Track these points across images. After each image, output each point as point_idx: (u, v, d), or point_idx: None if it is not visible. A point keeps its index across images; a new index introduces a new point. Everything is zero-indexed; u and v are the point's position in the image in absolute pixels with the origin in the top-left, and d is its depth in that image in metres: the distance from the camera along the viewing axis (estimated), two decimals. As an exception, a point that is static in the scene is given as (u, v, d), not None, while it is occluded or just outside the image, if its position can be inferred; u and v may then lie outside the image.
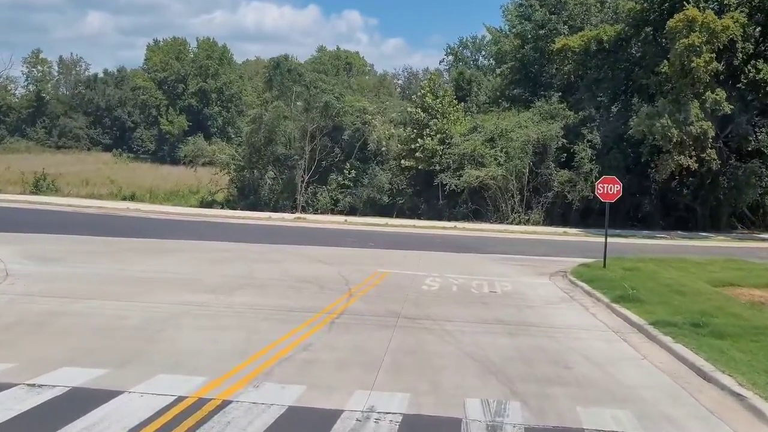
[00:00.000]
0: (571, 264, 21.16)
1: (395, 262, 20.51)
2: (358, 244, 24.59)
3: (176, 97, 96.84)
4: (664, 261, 21.10)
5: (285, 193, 37.65)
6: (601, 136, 34.93)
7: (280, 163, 38.62)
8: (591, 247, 27.44)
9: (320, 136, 37.53)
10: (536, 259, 22.75)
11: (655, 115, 31.01)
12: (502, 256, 22.81)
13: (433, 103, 36.60)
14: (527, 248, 25.91)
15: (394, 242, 25.97)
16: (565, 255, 24.07)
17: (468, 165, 35.96)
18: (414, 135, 36.49)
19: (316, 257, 20.44)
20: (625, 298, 13.84)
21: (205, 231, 27.55)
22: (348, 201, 37.24)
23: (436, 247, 25.16)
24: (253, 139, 38.40)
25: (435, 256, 22.26)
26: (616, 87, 37.02)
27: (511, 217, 36.09)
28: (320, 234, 28.04)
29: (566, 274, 18.88)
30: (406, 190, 37.44)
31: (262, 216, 33.46)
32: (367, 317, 12.02)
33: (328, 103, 36.64)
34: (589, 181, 34.74)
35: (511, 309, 13.43)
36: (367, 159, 38.11)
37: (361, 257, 21.34)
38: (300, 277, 16.41)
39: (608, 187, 19.48)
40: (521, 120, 36.78)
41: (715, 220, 36.85)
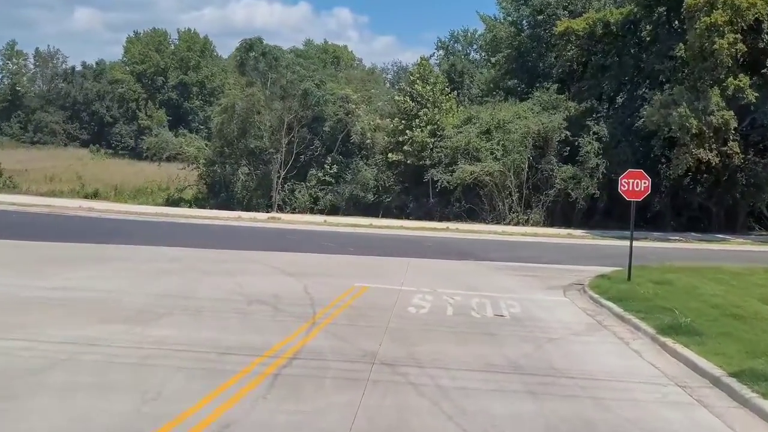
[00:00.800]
0: (585, 274, 17.93)
1: (377, 272, 17.06)
2: (335, 250, 21.12)
3: (155, 91, 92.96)
4: (695, 270, 17.77)
5: (260, 190, 34.12)
6: (608, 128, 31.61)
7: (254, 158, 35.07)
8: (602, 251, 24.19)
9: (298, 127, 34.02)
10: (543, 267, 19.39)
11: (670, 103, 27.73)
12: (503, 265, 19.42)
13: (423, 91, 33.17)
14: (530, 253, 22.56)
15: (377, 247, 22.54)
16: (574, 262, 20.78)
17: (461, 159, 32.58)
18: (402, 126, 33.04)
19: (282, 267, 16.95)
20: (675, 328, 10.46)
21: (161, 233, 23.98)
22: (329, 199, 33.76)
23: (426, 252, 21.75)
24: (224, 131, 34.81)
25: (425, 265, 18.83)
26: (623, 74, 33.71)
27: (508, 217, 32.76)
28: (294, 237, 24.54)
29: (584, 288, 15.54)
30: (394, 187, 34.01)
31: (231, 215, 29.91)
32: (330, 363, 8.57)
33: (307, 91, 33.11)
34: (596, 178, 31.52)
35: (527, 345, 10.01)
36: (351, 153, 34.63)
37: (336, 266, 17.87)
38: (254, 296, 12.94)
39: (634, 183, 16.10)
40: (520, 110, 33.43)
41: (730, 221, 33.66)
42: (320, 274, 16.14)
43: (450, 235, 27.61)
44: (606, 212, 34.37)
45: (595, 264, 20.23)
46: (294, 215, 31.51)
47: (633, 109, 35.28)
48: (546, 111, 33.22)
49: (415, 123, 32.77)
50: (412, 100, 33.23)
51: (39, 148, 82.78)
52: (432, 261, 19.74)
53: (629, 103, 35.86)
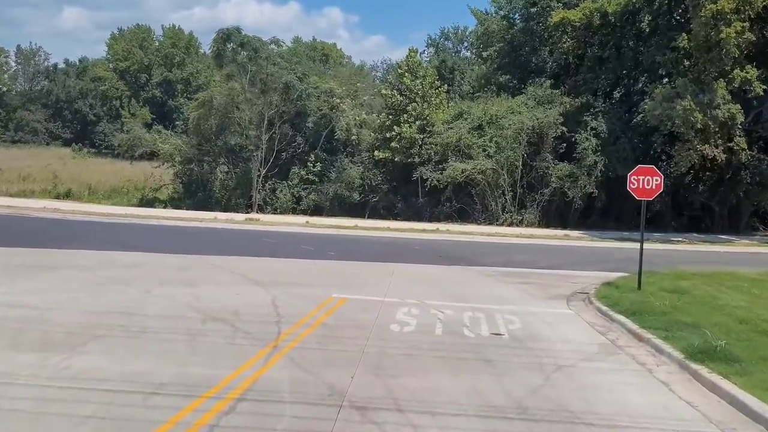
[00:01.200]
0: (588, 280, 16.29)
1: (358, 280, 15.27)
2: (314, 254, 19.30)
3: (139, 89, 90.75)
4: (710, 277, 16.14)
5: (239, 189, 32.22)
6: (606, 124, 29.95)
7: (233, 155, 33.17)
8: (602, 255, 22.52)
9: (280, 122, 32.14)
10: (540, 273, 17.67)
11: (673, 97, 26.09)
12: (497, 270, 17.67)
13: (411, 84, 31.37)
14: (526, 257, 20.86)
15: (361, 250, 20.75)
16: (574, 266, 19.12)
17: (452, 157, 30.82)
18: (389, 122, 31.24)
19: (252, 275, 15.12)
20: (707, 352, 8.74)
21: (125, 236, 22.07)
22: (312, 199, 31.91)
23: (413, 256, 19.98)
24: (201, 127, 32.88)
25: (412, 271, 17.04)
26: (622, 67, 32.06)
27: (502, 218, 31.03)
28: (271, 240, 22.68)
29: (589, 298, 13.85)
30: (381, 186, 32.20)
31: (206, 216, 28.00)
32: (285, 406, 6.78)
33: (288, 84, 31.21)
34: (594, 176, 29.83)
35: (531, 375, 8.25)
36: (335, 150, 32.79)
37: (313, 274, 16.05)
38: (212, 311, 11.13)
39: (645, 180, 14.44)
40: (513, 105, 31.71)
41: (734, 221, 32.09)
42: (294, 284, 14.34)
43: (440, 236, 25.87)
44: (603, 212, 32.79)
45: (596, 269, 18.64)
46: (274, 216, 29.66)
47: (631, 103, 33.70)
48: (541, 106, 31.53)
49: (403, 118, 30.99)
50: (400, 94, 31.45)
51: (20, 147, 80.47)
52: (420, 266, 17.96)
53: (627, 98, 34.30)
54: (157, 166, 34.69)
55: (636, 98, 34.35)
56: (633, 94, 34.13)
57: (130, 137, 34.47)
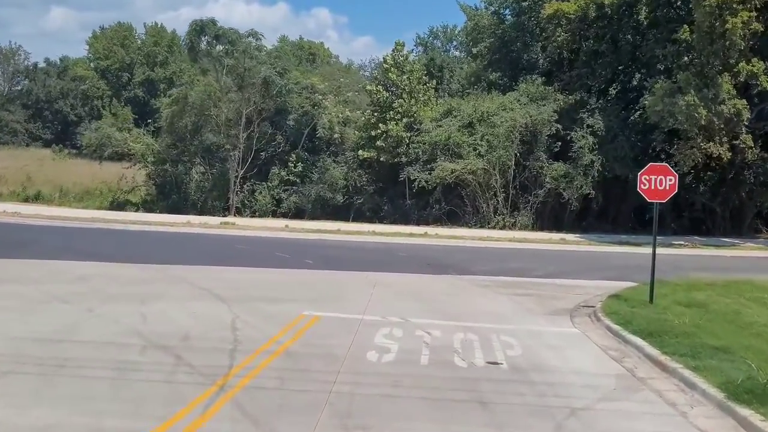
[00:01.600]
0: (591, 291, 14.78)
1: (335, 294, 13.57)
2: (289, 263, 17.57)
3: (121, 88, 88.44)
4: (727, 287, 14.57)
5: (215, 191, 30.42)
6: (604, 121, 28.40)
7: (210, 155, 31.35)
8: (603, 261, 20.93)
9: (258, 120, 30.36)
10: (538, 282, 16.03)
11: (675, 92, 24.59)
12: (491, 280, 16.02)
13: (398, 80, 29.70)
14: (521, 264, 19.22)
15: (342, 258, 19.04)
16: (574, 275, 17.54)
17: (441, 156, 29.19)
18: (375, 119, 29.56)
19: (216, 288, 13.37)
20: (756, 392, 7.10)
21: (84, 243, 20.21)
22: (293, 201, 30.16)
23: (399, 264, 18.29)
24: (176, 126, 31.03)
25: (396, 282, 15.33)
26: (619, 61, 30.54)
27: (493, 220, 29.43)
28: (244, 246, 20.91)
29: (596, 314, 12.24)
30: (366, 187, 30.51)
31: (179, 221, 26.19)
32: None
33: (267, 80, 29.45)
34: (590, 176, 28.28)
35: (539, 424, 6.57)
36: (318, 149, 31.06)
37: (285, 286, 14.31)
38: (157, 336, 9.40)
39: (657, 180, 12.82)
40: (506, 102, 30.12)
41: (736, 223, 30.68)
42: (262, 299, 12.61)
43: (428, 241, 24.21)
44: (600, 214, 31.29)
45: (598, 277, 17.08)
46: (252, 219, 27.90)
47: (628, 100, 32.24)
48: (534, 102, 29.95)
49: (389, 115, 29.32)
50: (386, 90, 29.78)
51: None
52: (405, 276, 16.25)
53: (623, 95, 32.83)
54: (128, 166, 32.82)
55: (632, 95, 32.89)
56: (630, 90, 32.66)
57: (99, 136, 32.56)
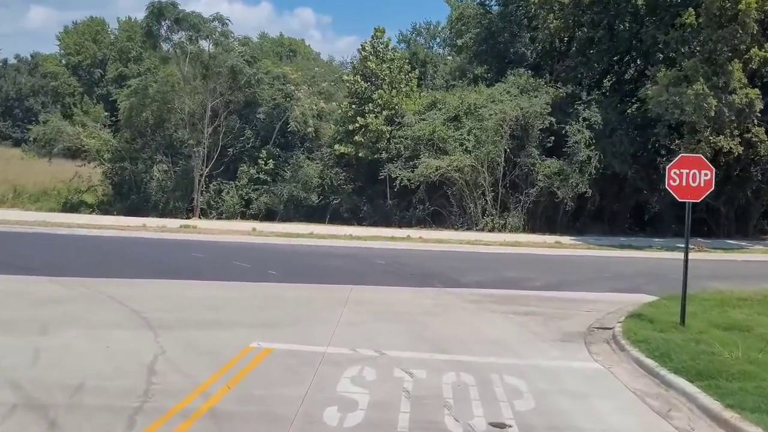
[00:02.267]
0: (603, 306, 12.54)
1: (298, 315, 11.08)
2: (249, 274, 15.03)
3: (93, 84, 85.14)
4: (763, 302, 12.30)
5: (179, 191, 27.75)
6: (601, 114, 26.13)
7: (173, 152, 28.66)
8: (608, 268, 18.60)
9: (226, 113, 27.74)
10: (540, 296, 13.67)
11: (681, 80, 22.36)
12: (485, 294, 13.60)
13: (377, 68, 27.21)
14: (516, 273, 16.85)
15: (312, 267, 16.54)
16: (579, 285, 15.23)
17: (425, 152, 26.76)
18: (352, 112, 27.05)
19: (151, 310, 10.82)
20: None
21: (9, 252, 17.51)
22: (264, 201, 27.56)
23: (377, 274, 15.84)
24: (135, 120, 28.30)
25: (372, 298, 12.84)
26: (617, 49, 28.30)
27: (482, 222, 27.04)
28: (201, 254, 18.29)
29: (616, 339, 9.96)
30: (343, 186, 27.99)
31: (134, 224, 23.51)
32: None
33: (234, 68, 26.82)
34: (587, 173, 25.99)
35: None
36: (291, 145, 28.49)
37: (236, 307, 11.76)
38: (39, 388, 6.85)
39: (690, 176, 10.47)
40: (495, 93, 27.76)
41: (741, 224, 28.60)
42: (202, 324, 10.10)
43: (411, 246, 21.77)
44: (595, 214, 29.04)
45: (606, 288, 14.84)
46: (217, 222, 25.27)
47: (623, 92, 30.02)
48: (525, 94, 27.62)
49: (368, 108, 26.82)
50: (365, 80, 27.28)
51: (-35, 148, 74.73)
52: (384, 291, 13.77)
53: (619, 87, 30.62)
54: (82, 164, 30.02)
55: (629, 87, 30.71)
56: (626, 82, 30.49)
57: (48, 129, 29.68)
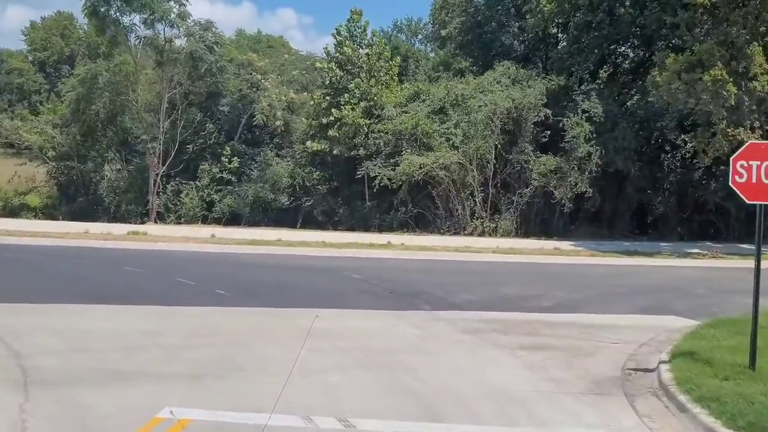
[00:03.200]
0: (633, 335, 10.23)
1: (238, 359, 8.24)
2: (190, 296, 12.16)
3: (60, 81, 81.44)
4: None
5: (132, 193, 24.80)
6: (602, 105, 23.62)
7: (126, 149, 25.69)
8: (620, 279, 16.00)
9: (185, 105, 24.83)
10: (552, 321, 11.00)
11: (695, 66, 19.88)
12: (484, 318, 10.89)
13: (354, 55, 24.45)
14: (518, 288, 14.17)
15: (272, 284, 13.70)
16: (597, 304, 12.68)
17: (407, 148, 24.12)
18: (326, 104, 24.29)
19: (33, 353, 7.96)
20: None
21: None
22: (228, 204, 24.71)
23: (350, 292, 13.05)
24: (83, 113, 25.28)
25: (342, 330, 9.98)
26: (617, 34, 25.79)
27: (471, 225, 24.42)
28: (138, 267, 15.26)
29: (669, 392, 7.31)
30: (317, 186, 25.21)
31: (75, 230, 20.49)
32: None
33: (193, 55, 23.93)
34: (587, 171, 23.49)
35: None
36: (258, 141, 25.69)
37: (158, 345, 8.82)
38: None
39: (763, 170, 7.83)
40: (484, 83, 25.16)
41: (752, 226, 26.15)
42: (101, 377, 7.27)
43: (392, 254, 19.04)
44: (593, 216, 26.57)
45: (629, 308, 12.35)
46: (172, 228, 22.34)
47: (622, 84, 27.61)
48: (518, 83, 25.07)
49: (343, 98, 24.07)
50: (340, 68, 24.51)
51: (-73, 148, 70.81)
52: (357, 316, 10.99)
53: (618, 77, 28.19)
54: (23, 163, 26.91)
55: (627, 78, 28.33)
56: (627, 71, 28.09)
57: (-19, 124, 26.62)
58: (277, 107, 24.15)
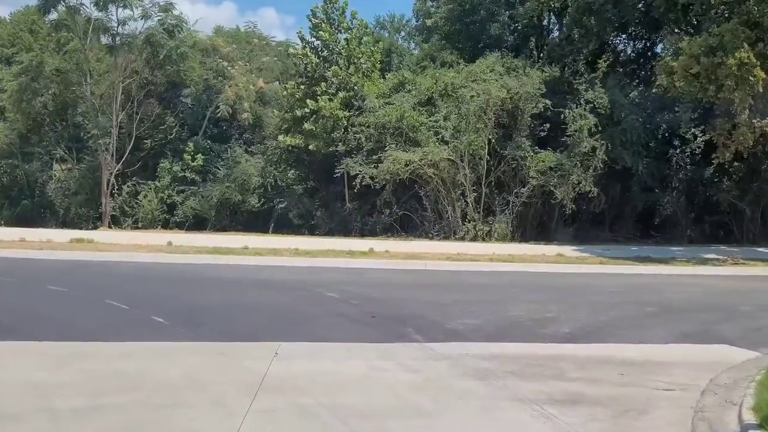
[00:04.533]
0: (683, 376, 7.96)
1: (157, 426, 5.70)
2: (115, 325, 9.50)
3: (10, 73, 78.04)
4: None
5: (82, 194, 22.08)
6: (608, 95, 21.33)
7: (79, 146, 22.95)
8: (642, 292, 13.64)
9: (142, 96, 22.17)
10: (578, 357, 8.57)
11: (715, 49, 17.61)
12: (493, 354, 8.41)
13: (331, 39, 21.92)
14: (529, 307, 11.68)
15: (225, 307, 11.07)
16: (626, 330, 10.40)
17: (392, 143, 21.67)
18: (301, 93, 21.74)
19: None
20: None
21: None
22: (192, 206, 22.11)
23: (322, 318, 10.49)
24: (28, 106, 22.53)
25: (307, 381, 7.36)
26: (622, 18, 23.52)
27: (462, 229, 22.03)
28: (65, 287, 12.49)
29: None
30: (292, 186, 22.66)
31: (9, 237, 17.69)
32: None
33: (150, 39, 21.28)
34: (592, 168, 21.18)
35: None
36: (225, 136, 23.12)
37: (43, 411, 6.28)
38: None
39: None
40: (476, 70, 22.76)
41: (766, 228, 24.15)
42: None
43: (375, 263, 16.54)
44: (594, 218, 24.33)
45: (668, 334, 10.25)
46: (124, 234, 19.60)
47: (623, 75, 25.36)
48: (514, 72, 22.71)
49: (320, 88, 21.53)
50: (316, 55, 21.96)
51: None
52: (329, 352, 8.43)
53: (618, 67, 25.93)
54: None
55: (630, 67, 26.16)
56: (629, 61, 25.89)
57: None
58: (245, 97, 21.55)
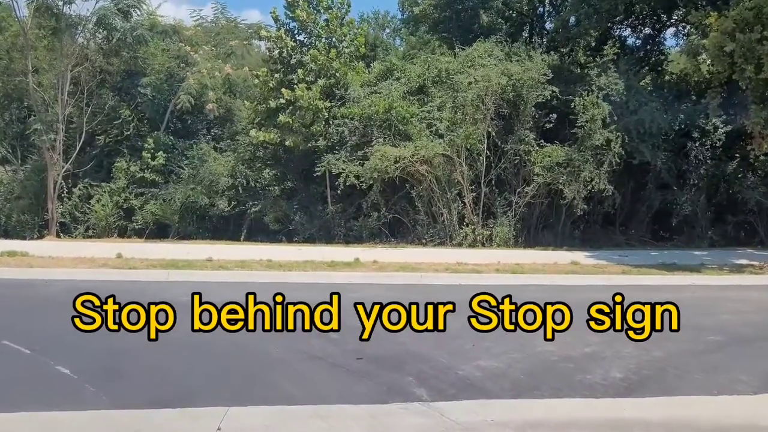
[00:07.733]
0: None
1: None
2: (4, 383, 6.94)
3: (-3, 78, 74.61)
4: None
5: (26, 199, 19.33)
6: (624, 80, 18.92)
7: (24, 144, 20.21)
8: (691, 313, 11.07)
9: (93, 85, 19.49)
10: (647, 424, 6.04)
11: (750, 23, 15.26)
12: (527, 423, 5.89)
13: (309, 20, 19.32)
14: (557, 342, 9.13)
15: (157, 347, 8.45)
16: (695, 374, 7.85)
17: (379, 138, 19.14)
18: (275, 82, 19.12)
19: None
20: None
21: None
22: (152, 211, 19.41)
23: (291, 364, 7.87)
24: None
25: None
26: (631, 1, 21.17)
27: (460, 234, 19.53)
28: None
29: None
30: (266, 187, 20.06)
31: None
32: None
33: (103, 22, 18.59)
34: (606, 163, 18.76)
35: None
36: (190, 132, 20.46)
37: None
38: None
39: None
40: (473, 55, 20.28)
41: (793, 228, 21.86)
42: None
43: (361, 277, 13.96)
44: (603, 219, 21.97)
45: (752, 377, 7.63)
46: (69, 244, 16.82)
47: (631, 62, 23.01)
48: (515, 56, 20.27)
49: (297, 76, 18.93)
50: (292, 38, 19.36)
51: None
52: (292, 424, 5.88)
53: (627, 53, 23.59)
54: None
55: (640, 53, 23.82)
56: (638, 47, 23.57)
57: None
58: (210, 86, 18.92)
